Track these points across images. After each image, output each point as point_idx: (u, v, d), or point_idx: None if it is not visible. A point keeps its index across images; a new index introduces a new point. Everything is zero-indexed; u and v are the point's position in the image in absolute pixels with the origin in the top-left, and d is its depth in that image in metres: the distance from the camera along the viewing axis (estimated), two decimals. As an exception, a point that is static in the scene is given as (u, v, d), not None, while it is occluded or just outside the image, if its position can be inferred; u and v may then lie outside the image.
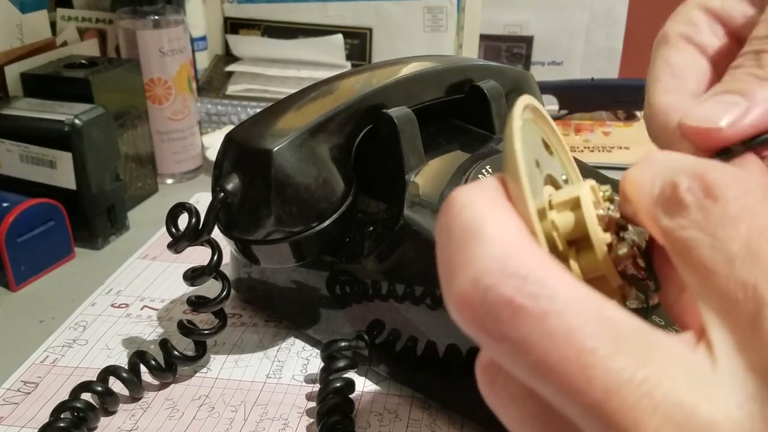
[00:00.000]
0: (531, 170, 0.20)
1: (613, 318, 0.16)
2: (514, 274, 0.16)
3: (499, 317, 0.16)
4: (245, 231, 0.41)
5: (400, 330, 0.40)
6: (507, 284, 0.16)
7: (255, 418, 0.40)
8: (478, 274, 0.16)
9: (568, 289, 0.16)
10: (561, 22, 0.91)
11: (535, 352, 0.16)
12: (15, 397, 0.42)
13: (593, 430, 0.15)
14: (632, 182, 0.19)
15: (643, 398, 0.15)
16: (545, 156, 0.22)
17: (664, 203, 0.17)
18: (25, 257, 0.53)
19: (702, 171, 0.17)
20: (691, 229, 0.17)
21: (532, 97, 0.22)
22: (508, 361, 0.16)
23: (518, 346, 0.16)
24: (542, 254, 0.17)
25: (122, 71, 0.64)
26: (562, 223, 0.20)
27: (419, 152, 0.42)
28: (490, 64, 0.51)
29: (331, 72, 0.79)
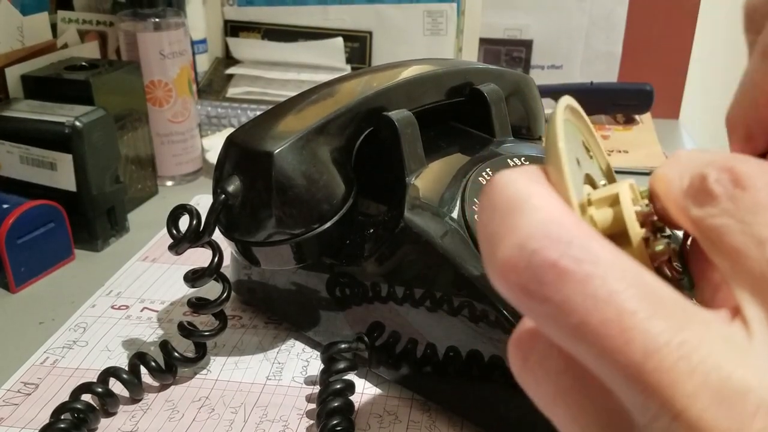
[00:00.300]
0: (572, 166, 0.20)
1: (652, 285, 0.16)
2: (559, 239, 0.17)
3: (543, 279, 0.16)
4: (246, 233, 0.41)
5: (400, 332, 0.41)
6: (552, 248, 0.16)
7: (255, 419, 0.40)
8: (524, 239, 0.17)
9: (611, 255, 0.17)
10: (560, 25, 0.91)
11: (577, 314, 0.16)
12: (15, 399, 0.42)
13: (631, 393, 0.16)
14: (661, 179, 0.19)
15: (680, 360, 0.15)
16: (585, 157, 0.23)
17: (693, 195, 0.18)
18: (25, 259, 0.53)
19: (731, 164, 0.18)
20: (722, 217, 0.17)
21: (573, 99, 0.23)
22: (550, 324, 0.17)
23: (561, 308, 0.16)
24: (585, 224, 0.18)
25: (123, 73, 0.64)
26: (601, 218, 0.20)
27: (420, 155, 0.42)
28: (490, 68, 0.51)
29: (331, 75, 0.79)
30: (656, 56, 0.92)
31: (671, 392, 0.15)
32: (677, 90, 0.93)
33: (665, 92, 0.89)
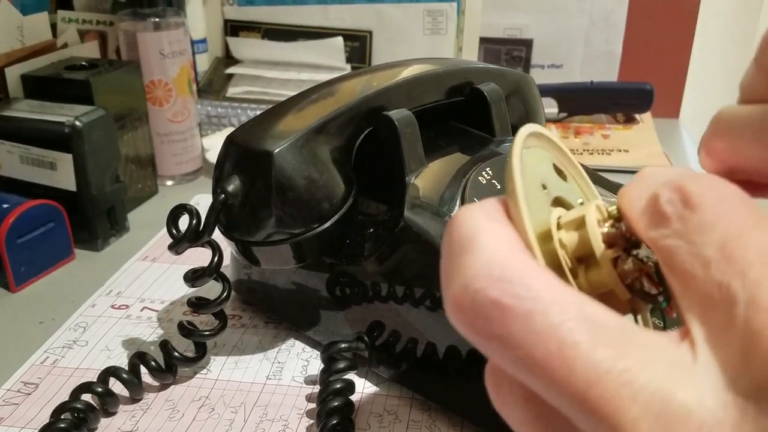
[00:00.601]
0: (535, 192, 0.21)
1: (594, 314, 0.17)
2: (501, 277, 0.17)
3: (488, 317, 0.17)
4: (246, 232, 0.41)
5: (400, 331, 0.41)
6: (494, 287, 0.17)
7: (255, 419, 0.40)
8: (469, 279, 0.18)
9: (552, 290, 0.17)
10: (561, 25, 0.91)
11: (522, 348, 0.17)
12: (15, 398, 0.42)
13: (580, 420, 0.16)
14: (624, 198, 0.20)
15: (622, 387, 0.16)
16: (555, 180, 0.23)
17: (649, 216, 0.18)
18: (25, 258, 0.53)
19: (682, 182, 0.18)
20: (672, 238, 0.17)
21: (539, 126, 0.23)
22: (500, 359, 0.17)
23: (507, 344, 0.17)
24: (529, 261, 0.18)
25: (123, 73, 0.64)
26: (569, 241, 0.21)
27: (420, 154, 0.42)
28: (490, 67, 0.51)
29: (331, 74, 0.79)
30: (656, 55, 0.92)
31: (617, 418, 0.16)
32: (677, 89, 0.93)
33: (665, 91, 0.89)
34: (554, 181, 0.23)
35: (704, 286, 0.17)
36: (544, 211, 0.22)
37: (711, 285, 0.16)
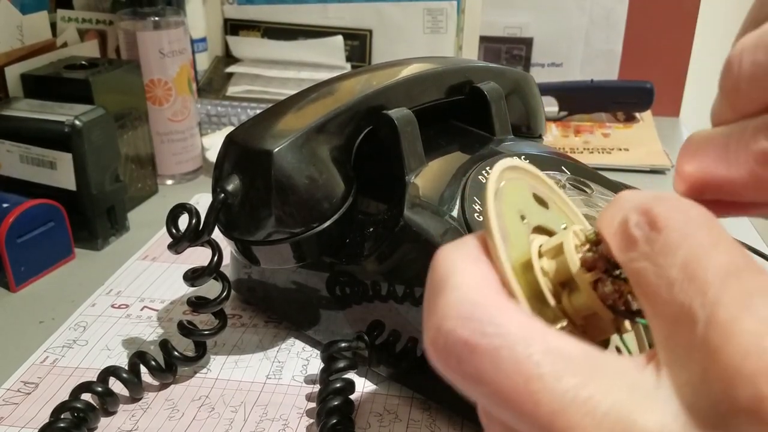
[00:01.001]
0: (515, 224, 0.22)
1: (558, 346, 0.17)
2: (470, 317, 0.18)
3: (459, 357, 0.18)
4: (246, 232, 0.41)
5: (400, 331, 0.40)
6: (464, 326, 0.18)
7: (255, 418, 0.40)
8: (440, 320, 0.18)
9: (519, 325, 0.18)
10: (561, 24, 0.91)
11: (491, 384, 0.17)
12: (15, 398, 0.42)
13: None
14: (601, 221, 0.20)
15: (586, 416, 0.16)
16: (536, 209, 0.24)
17: (620, 239, 0.19)
18: (25, 258, 0.53)
19: (648, 206, 0.18)
20: (640, 260, 0.18)
21: (515, 159, 0.24)
22: (474, 395, 0.18)
23: (477, 381, 0.18)
24: (499, 297, 0.19)
25: (122, 72, 0.64)
26: (551, 268, 0.22)
27: (419, 153, 0.42)
28: (490, 66, 0.51)
29: (331, 73, 0.79)
30: (657, 54, 0.92)
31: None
32: (678, 88, 0.93)
33: (666, 90, 0.89)
34: (534, 210, 0.24)
35: (669, 307, 0.17)
36: (524, 241, 0.22)
37: (675, 305, 0.17)
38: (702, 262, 0.17)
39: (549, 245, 0.22)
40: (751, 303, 0.16)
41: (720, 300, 0.16)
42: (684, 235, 0.17)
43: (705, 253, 0.17)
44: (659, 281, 0.17)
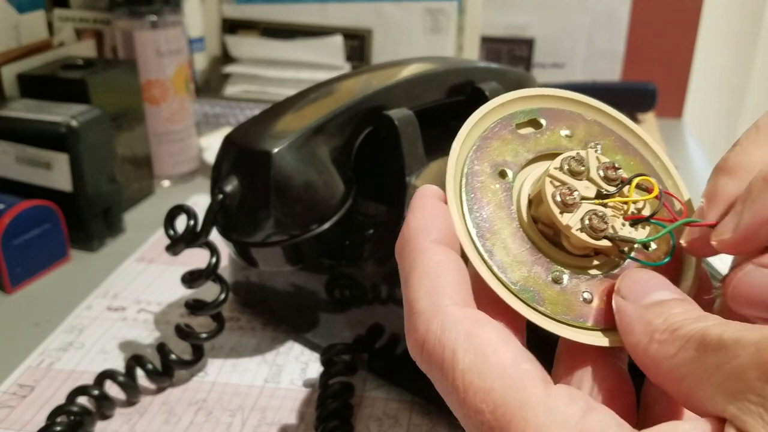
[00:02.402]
0: (489, 184, 0.24)
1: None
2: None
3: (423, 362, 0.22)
4: (244, 233, 0.40)
5: (399, 334, 0.40)
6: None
7: (253, 422, 0.40)
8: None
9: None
10: (563, 24, 0.91)
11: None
12: (11, 401, 0.41)
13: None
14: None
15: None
16: (522, 146, 0.25)
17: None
18: (20, 259, 0.52)
19: None
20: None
21: (489, 104, 0.26)
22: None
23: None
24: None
25: (119, 72, 0.64)
26: (541, 217, 0.23)
27: (420, 154, 0.41)
28: (491, 66, 0.51)
29: (331, 73, 0.78)
30: (659, 55, 0.91)
31: None
32: (680, 89, 0.93)
33: (668, 91, 0.89)
34: (525, 146, 0.25)
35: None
36: (498, 196, 0.24)
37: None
38: None
39: (534, 191, 0.24)
40: None
41: None
42: None
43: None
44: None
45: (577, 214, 0.23)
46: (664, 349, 0.19)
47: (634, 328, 0.20)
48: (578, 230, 0.23)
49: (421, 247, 0.22)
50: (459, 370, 0.19)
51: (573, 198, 0.23)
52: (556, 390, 0.19)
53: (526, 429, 0.18)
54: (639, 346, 0.20)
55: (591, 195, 0.23)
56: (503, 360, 0.19)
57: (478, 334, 0.20)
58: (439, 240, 0.22)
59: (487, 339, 0.20)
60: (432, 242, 0.22)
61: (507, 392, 0.19)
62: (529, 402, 0.18)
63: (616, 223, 0.23)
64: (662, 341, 0.19)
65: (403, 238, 0.23)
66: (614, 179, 0.24)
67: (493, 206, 0.23)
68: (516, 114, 0.25)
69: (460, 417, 0.20)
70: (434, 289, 0.21)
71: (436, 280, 0.21)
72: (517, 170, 0.24)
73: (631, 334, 0.20)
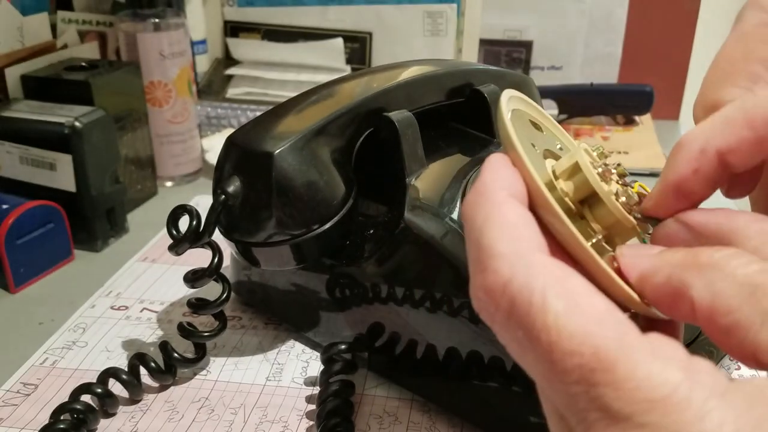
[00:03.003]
0: (529, 152, 0.23)
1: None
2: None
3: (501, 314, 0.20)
4: (246, 233, 0.41)
5: (400, 333, 0.40)
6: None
7: (255, 420, 0.40)
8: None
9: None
10: (560, 27, 0.91)
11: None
12: (15, 399, 0.42)
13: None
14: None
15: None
16: (536, 135, 0.26)
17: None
18: (24, 259, 0.53)
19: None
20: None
21: (511, 89, 0.26)
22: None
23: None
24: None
25: (122, 74, 0.64)
26: (570, 188, 0.24)
27: (420, 156, 0.42)
28: (490, 69, 0.51)
29: (331, 76, 0.79)
30: (656, 57, 0.92)
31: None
32: (677, 91, 0.93)
33: (665, 93, 0.89)
34: (536, 135, 0.26)
35: None
36: (540, 166, 0.24)
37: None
38: None
39: (563, 167, 0.24)
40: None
41: None
42: None
43: None
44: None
45: (611, 186, 0.23)
46: (706, 275, 0.19)
47: (659, 267, 0.21)
48: (616, 198, 0.23)
49: (499, 199, 0.21)
50: (551, 314, 0.18)
51: (607, 169, 0.24)
52: (656, 337, 0.19)
53: (635, 370, 0.17)
54: (672, 277, 0.20)
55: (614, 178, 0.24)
56: (598, 307, 0.19)
57: (569, 280, 0.19)
58: (516, 195, 0.22)
59: (578, 286, 0.19)
60: (510, 196, 0.22)
61: (610, 335, 0.18)
62: (634, 346, 0.18)
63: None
64: (701, 267, 0.20)
65: (477, 192, 0.22)
66: (622, 175, 0.25)
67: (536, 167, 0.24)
68: (524, 113, 0.27)
69: (546, 364, 0.18)
70: (517, 236, 0.20)
71: (518, 229, 0.21)
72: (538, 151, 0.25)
73: (658, 273, 0.21)
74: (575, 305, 0.18)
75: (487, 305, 0.20)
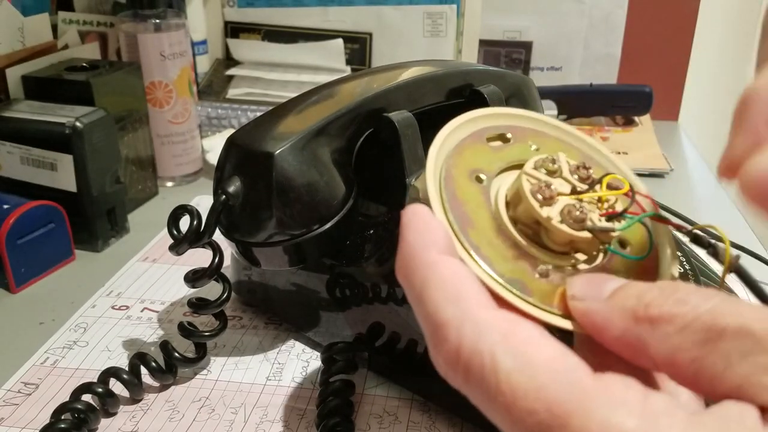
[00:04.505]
0: (466, 187, 0.25)
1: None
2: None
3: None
4: (246, 233, 0.41)
5: (399, 333, 0.41)
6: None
7: (255, 420, 0.40)
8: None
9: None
10: (560, 27, 0.91)
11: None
12: (15, 399, 0.42)
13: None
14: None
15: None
16: (493, 155, 0.26)
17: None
18: (25, 259, 0.53)
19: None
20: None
21: (461, 117, 0.27)
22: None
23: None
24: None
25: (123, 74, 0.64)
26: (521, 214, 0.24)
27: (420, 156, 0.42)
28: (490, 69, 0.51)
29: (331, 76, 0.79)
30: (656, 58, 0.92)
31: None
32: (676, 92, 0.93)
33: (664, 94, 0.89)
34: (491, 156, 0.26)
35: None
36: (479, 199, 0.24)
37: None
38: None
39: (511, 192, 0.24)
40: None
41: None
42: None
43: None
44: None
45: (555, 207, 0.23)
46: (662, 329, 0.19)
47: (611, 320, 0.20)
48: (559, 222, 0.23)
49: (429, 260, 0.21)
50: (503, 374, 0.18)
51: (551, 191, 0.23)
52: (609, 378, 0.18)
53: (589, 422, 0.17)
54: (627, 332, 0.20)
55: (566, 191, 0.24)
56: (548, 355, 0.19)
57: (515, 333, 0.19)
58: (444, 251, 0.21)
59: (525, 336, 0.19)
60: (439, 254, 0.21)
61: (561, 387, 0.18)
62: (586, 393, 0.18)
63: (593, 217, 0.24)
64: (655, 320, 0.19)
65: (406, 257, 0.22)
66: (586, 178, 0.25)
67: (474, 205, 0.24)
68: (486, 128, 0.27)
69: (509, 423, 0.19)
70: (457, 297, 0.20)
71: (456, 288, 0.20)
72: (491, 176, 0.25)
73: (612, 326, 0.20)
74: (524, 360, 0.18)
75: (447, 372, 0.20)
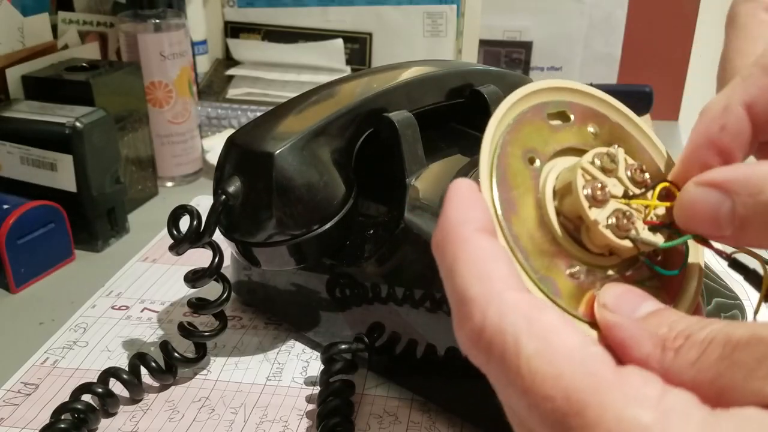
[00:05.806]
0: (515, 170, 0.23)
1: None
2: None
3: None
4: (246, 233, 0.41)
5: (399, 333, 0.41)
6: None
7: (255, 420, 0.40)
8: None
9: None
10: (560, 27, 0.91)
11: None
12: (15, 399, 0.42)
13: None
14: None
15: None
16: (549, 135, 0.25)
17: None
18: (25, 259, 0.53)
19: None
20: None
21: (522, 89, 0.25)
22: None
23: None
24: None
25: (123, 74, 0.64)
26: (566, 207, 0.23)
27: (420, 156, 0.42)
28: (490, 69, 0.51)
29: (331, 76, 0.79)
30: (656, 58, 0.92)
31: None
32: (677, 91, 0.93)
33: (665, 94, 0.89)
34: (547, 136, 0.25)
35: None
36: (524, 183, 0.23)
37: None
38: None
39: (562, 182, 0.23)
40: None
41: None
42: None
43: None
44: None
45: (605, 210, 0.22)
46: (684, 356, 0.19)
47: (640, 341, 0.20)
48: (604, 227, 0.22)
49: (464, 236, 0.21)
50: (524, 357, 0.18)
51: (603, 194, 0.22)
52: (629, 371, 0.18)
53: (604, 414, 0.17)
54: (652, 357, 0.19)
55: (619, 194, 0.23)
56: (570, 344, 0.18)
57: (539, 319, 0.19)
58: (481, 229, 0.21)
59: (549, 323, 0.19)
60: (475, 231, 0.21)
61: (579, 377, 0.18)
62: (604, 385, 0.18)
63: (638, 226, 0.23)
64: (678, 348, 0.19)
65: (443, 231, 0.21)
66: (640, 182, 0.24)
67: (522, 190, 0.23)
68: (548, 104, 0.25)
69: (525, 407, 0.19)
70: (486, 275, 0.20)
71: (486, 266, 0.20)
72: (545, 160, 0.24)
73: (639, 347, 0.20)
74: (547, 345, 0.18)
75: (469, 350, 0.20)
